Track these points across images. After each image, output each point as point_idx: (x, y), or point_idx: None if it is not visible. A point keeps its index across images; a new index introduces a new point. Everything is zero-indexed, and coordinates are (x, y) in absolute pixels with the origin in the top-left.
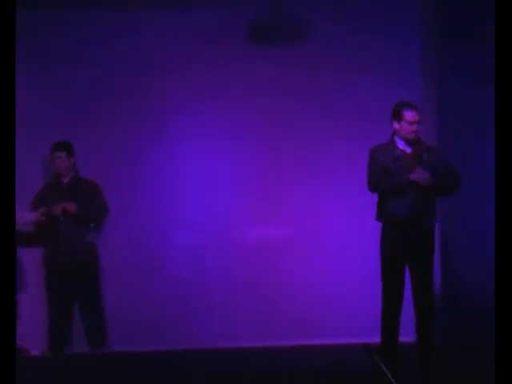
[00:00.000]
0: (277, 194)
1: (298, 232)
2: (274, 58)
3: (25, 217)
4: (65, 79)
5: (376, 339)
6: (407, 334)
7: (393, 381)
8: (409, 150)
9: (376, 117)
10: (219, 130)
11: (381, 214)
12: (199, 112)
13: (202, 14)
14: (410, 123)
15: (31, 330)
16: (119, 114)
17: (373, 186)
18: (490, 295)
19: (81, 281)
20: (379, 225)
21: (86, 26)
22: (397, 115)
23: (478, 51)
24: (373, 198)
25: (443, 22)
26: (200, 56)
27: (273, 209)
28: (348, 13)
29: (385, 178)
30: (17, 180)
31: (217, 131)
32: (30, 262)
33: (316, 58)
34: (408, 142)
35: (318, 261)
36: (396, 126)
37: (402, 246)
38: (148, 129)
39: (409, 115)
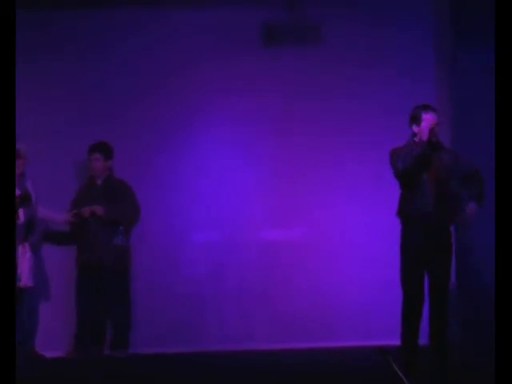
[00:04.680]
0: (293, 196)
1: (313, 233)
2: (289, 58)
3: (55, 218)
4: (72, 79)
5: (390, 341)
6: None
7: (406, 382)
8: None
9: (390, 116)
10: (238, 130)
11: (401, 210)
12: (217, 113)
13: (217, 14)
14: (429, 124)
15: (58, 331)
16: (132, 115)
17: (397, 171)
18: None
19: (108, 283)
20: (395, 225)
21: (97, 25)
22: (415, 119)
23: (492, 50)
24: (388, 199)
25: (457, 21)
26: (213, 56)
27: (288, 210)
28: (361, 14)
29: (407, 155)
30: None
31: (236, 131)
32: (59, 261)
33: (330, 58)
34: (426, 142)
35: (333, 262)
36: (415, 129)
37: (422, 248)
38: (165, 130)
39: (427, 116)
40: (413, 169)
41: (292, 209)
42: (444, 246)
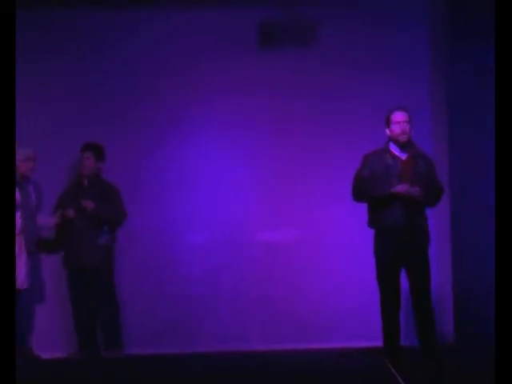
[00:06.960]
0: (293, 196)
1: (313, 233)
2: (289, 58)
3: (42, 222)
4: (72, 79)
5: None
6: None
7: (402, 382)
8: (403, 156)
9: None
10: (238, 130)
11: (371, 222)
12: (217, 113)
13: (217, 14)
14: (397, 123)
15: (53, 332)
16: (132, 115)
17: (355, 197)
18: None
19: (96, 283)
20: None
21: (97, 25)
22: (386, 121)
23: (487, 50)
24: None
25: (453, 21)
26: (213, 56)
27: (288, 210)
28: (360, 14)
29: (367, 189)
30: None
31: (236, 131)
32: (55, 263)
33: (329, 58)
34: (400, 144)
35: (333, 262)
36: (387, 131)
37: (395, 252)
38: (165, 130)
39: (395, 116)
40: (373, 203)
41: (292, 209)
42: (417, 248)
